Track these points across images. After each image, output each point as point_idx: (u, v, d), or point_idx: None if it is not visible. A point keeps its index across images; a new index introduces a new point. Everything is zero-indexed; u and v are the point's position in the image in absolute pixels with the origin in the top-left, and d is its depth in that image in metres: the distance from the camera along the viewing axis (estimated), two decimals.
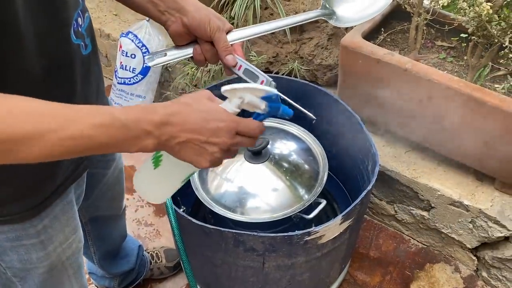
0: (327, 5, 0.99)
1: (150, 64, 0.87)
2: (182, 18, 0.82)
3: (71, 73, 0.77)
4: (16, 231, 0.84)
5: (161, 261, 1.64)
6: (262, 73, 0.81)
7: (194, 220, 1.13)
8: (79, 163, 0.91)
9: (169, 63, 0.89)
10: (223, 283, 1.34)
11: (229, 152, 0.70)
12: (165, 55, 0.88)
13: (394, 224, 1.77)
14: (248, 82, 0.79)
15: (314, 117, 0.92)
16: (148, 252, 1.65)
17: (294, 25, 0.95)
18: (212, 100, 0.70)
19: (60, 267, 0.97)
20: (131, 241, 1.55)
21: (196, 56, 0.85)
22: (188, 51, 0.87)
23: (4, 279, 0.94)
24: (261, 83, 0.79)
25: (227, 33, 0.85)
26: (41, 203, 0.84)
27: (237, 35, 0.86)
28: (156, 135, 0.64)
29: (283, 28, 0.94)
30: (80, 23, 0.79)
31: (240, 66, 0.82)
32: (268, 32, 0.91)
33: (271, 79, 0.79)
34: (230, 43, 0.84)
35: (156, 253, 1.65)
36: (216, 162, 0.70)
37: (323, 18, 1.00)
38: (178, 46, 0.88)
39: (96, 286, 1.63)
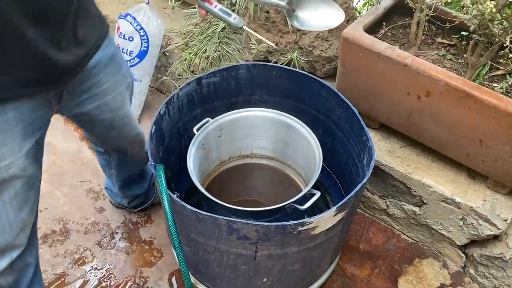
0: (292, 3, 1.18)
1: None
2: None
3: None
4: None
5: None
6: (233, 13, 1.16)
7: (188, 206, 1.13)
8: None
9: None
10: (214, 270, 1.34)
11: None
12: None
13: (385, 219, 1.78)
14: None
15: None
16: None
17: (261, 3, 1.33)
18: None
19: None
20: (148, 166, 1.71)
21: None
22: None
23: None
24: (234, 19, 1.17)
25: None
26: None
27: None
28: None
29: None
30: None
31: (216, 5, 1.16)
32: None
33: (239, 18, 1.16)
34: None
35: None
36: None
37: (284, 10, 1.22)
38: None
39: (110, 201, 1.82)
